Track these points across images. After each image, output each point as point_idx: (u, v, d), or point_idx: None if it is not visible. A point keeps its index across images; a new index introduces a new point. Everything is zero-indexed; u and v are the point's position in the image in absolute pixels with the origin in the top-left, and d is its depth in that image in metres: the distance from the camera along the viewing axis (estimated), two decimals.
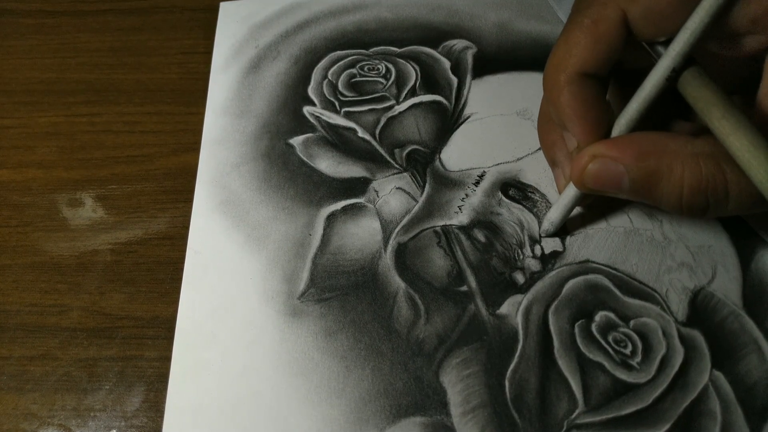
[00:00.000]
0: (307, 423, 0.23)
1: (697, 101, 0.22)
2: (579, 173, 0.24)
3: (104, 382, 0.25)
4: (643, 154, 0.23)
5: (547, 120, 0.27)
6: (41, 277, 0.28)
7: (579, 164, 0.24)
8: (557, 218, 0.27)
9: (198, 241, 0.28)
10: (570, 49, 0.24)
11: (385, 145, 0.31)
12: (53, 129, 0.34)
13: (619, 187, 0.23)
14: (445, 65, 0.35)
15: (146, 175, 0.32)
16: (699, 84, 0.22)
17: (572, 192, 0.26)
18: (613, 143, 0.23)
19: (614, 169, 0.23)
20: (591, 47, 0.23)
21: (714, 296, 0.26)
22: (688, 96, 0.23)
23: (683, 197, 0.22)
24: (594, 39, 0.23)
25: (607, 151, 0.23)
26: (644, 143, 0.23)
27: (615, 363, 0.24)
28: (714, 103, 0.21)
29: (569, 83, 0.24)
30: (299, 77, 0.35)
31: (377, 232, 0.28)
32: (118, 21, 0.39)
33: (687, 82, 0.22)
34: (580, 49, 0.24)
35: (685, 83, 0.23)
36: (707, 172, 0.22)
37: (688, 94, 0.22)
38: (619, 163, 0.23)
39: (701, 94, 0.22)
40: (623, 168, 0.23)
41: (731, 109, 0.21)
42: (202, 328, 0.26)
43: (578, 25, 0.24)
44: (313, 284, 0.27)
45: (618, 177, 0.23)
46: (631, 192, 0.23)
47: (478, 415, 0.23)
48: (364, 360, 0.25)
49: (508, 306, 0.26)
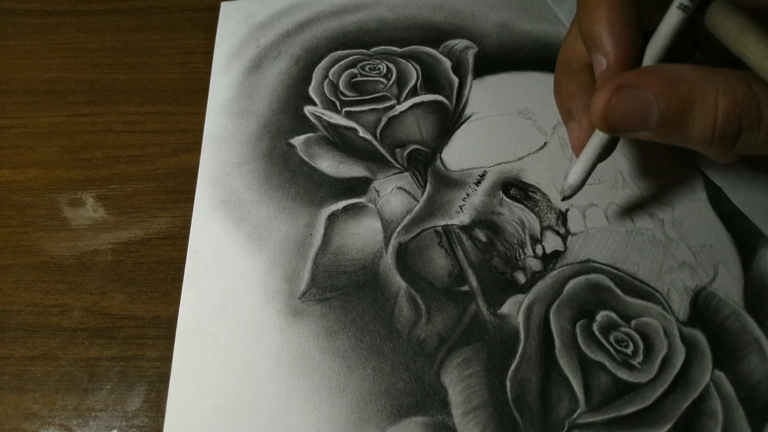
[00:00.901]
0: (308, 423, 0.23)
1: (729, 30, 0.21)
2: (603, 106, 0.22)
3: (105, 382, 0.25)
4: (674, 80, 0.21)
5: (565, 69, 0.27)
6: (42, 277, 0.28)
7: (603, 97, 0.22)
8: (576, 181, 0.25)
9: (199, 241, 0.28)
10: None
11: (386, 145, 0.31)
12: (54, 129, 0.34)
13: (646, 121, 0.22)
14: (446, 65, 0.35)
15: (147, 175, 0.32)
16: (729, 13, 0.21)
17: (592, 148, 0.24)
18: (640, 72, 0.22)
19: (642, 98, 0.21)
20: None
21: (715, 296, 0.26)
22: (718, 26, 0.22)
23: (717, 123, 0.21)
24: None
25: (635, 80, 0.22)
26: (673, 71, 0.22)
27: (616, 363, 0.24)
28: (748, 29, 0.21)
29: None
30: (300, 77, 0.35)
31: (378, 232, 0.28)
32: (119, 21, 0.39)
33: (716, 11, 0.22)
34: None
35: (714, 13, 0.22)
36: (741, 94, 0.21)
37: (718, 23, 0.22)
38: (647, 92, 0.21)
39: (733, 21, 0.21)
40: (651, 97, 0.21)
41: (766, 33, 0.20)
42: (203, 328, 0.26)
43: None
44: (314, 284, 0.27)
45: (646, 107, 0.21)
46: (659, 125, 0.22)
47: (479, 415, 0.23)
48: (365, 360, 0.25)
49: (509, 306, 0.26)
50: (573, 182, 0.25)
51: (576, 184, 0.25)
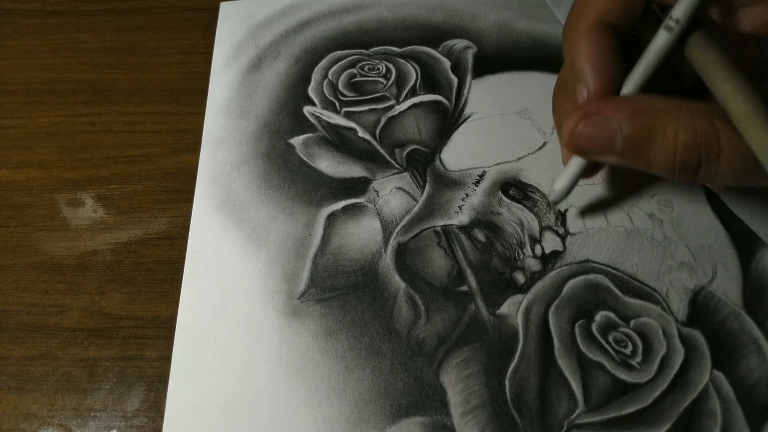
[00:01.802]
0: (307, 423, 0.23)
1: (703, 66, 0.22)
2: (571, 132, 0.23)
3: (104, 382, 0.25)
4: (637, 112, 0.22)
5: (563, 87, 0.27)
6: (41, 277, 0.28)
7: (571, 122, 0.23)
8: (562, 187, 0.26)
9: (198, 241, 0.28)
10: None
11: (385, 145, 0.31)
12: (53, 129, 0.34)
13: (611, 148, 0.23)
14: (446, 65, 0.35)
15: (146, 175, 0.32)
16: (705, 48, 0.22)
17: (576, 164, 0.25)
18: (607, 101, 0.23)
19: (607, 126, 0.23)
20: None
21: (714, 296, 0.26)
22: (694, 60, 0.22)
23: (677, 154, 0.22)
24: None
25: (601, 109, 0.23)
26: (639, 101, 0.23)
27: (615, 363, 0.24)
28: (719, 66, 0.21)
29: (588, 31, 0.24)
30: (299, 77, 0.35)
31: (377, 232, 0.28)
32: (118, 21, 0.39)
33: (693, 46, 0.22)
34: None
35: (691, 47, 0.22)
36: (701, 127, 0.22)
37: (695, 58, 0.22)
38: (612, 121, 0.22)
39: (707, 58, 0.22)
40: (617, 125, 0.22)
41: (735, 73, 0.21)
42: (202, 328, 0.26)
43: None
44: (313, 284, 0.27)
45: (611, 135, 0.23)
46: (623, 152, 0.23)
47: (478, 415, 0.23)
48: (364, 360, 0.25)
49: (508, 306, 0.26)
50: (558, 187, 0.26)
51: (561, 191, 0.26)
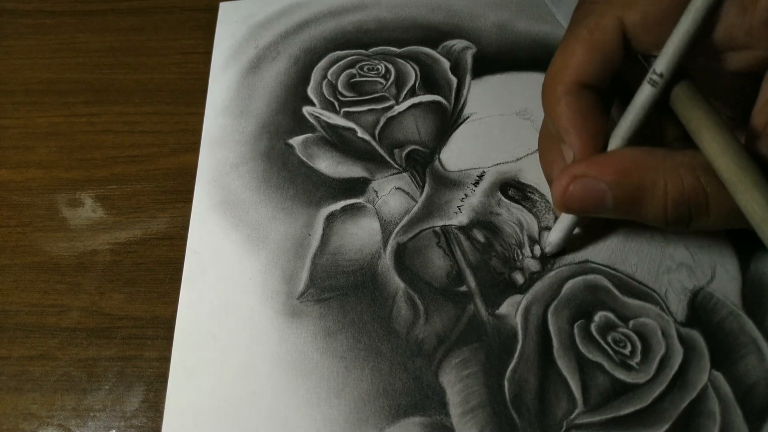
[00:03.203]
0: (306, 423, 0.23)
1: (688, 121, 0.22)
2: (561, 195, 0.23)
3: (104, 382, 0.25)
4: (624, 171, 0.22)
5: (547, 137, 0.27)
6: (41, 277, 0.28)
7: (560, 186, 0.23)
8: (557, 241, 0.26)
9: (197, 241, 0.28)
10: (567, 60, 0.24)
11: (384, 146, 0.31)
12: (53, 129, 0.34)
13: (603, 207, 0.23)
14: (445, 65, 0.35)
15: (146, 175, 0.32)
16: (690, 102, 0.22)
17: (569, 218, 0.26)
18: (594, 161, 0.23)
19: (596, 187, 0.22)
20: (588, 56, 0.23)
21: (713, 296, 0.26)
22: (679, 114, 0.22)
23: (668, 210, 0.22)
24: (590, 48, 0.23)
25: (588, 170, 0.23)
26: (624, 159, 0.22)
27: (614, 363, 0.24)
28: (704, 125, 0.21)
29: (566, 93, 0.24)
30: (299, 77, 0.35)
31: (376, 233, 0.28)
32: (118, 21, 0.39)
33: (678, 99, 0.22)
34: (576, 59, 0.23)
35: (676, 99, 0.22)
36: (688, 184, 0.22)
37: (680, 112, 0.22)
38: (600, 182, 0.22)
39: (692, 114, 0.22)
40: (605, 186, 0.22)
41: (720, 131, 0.21)
42: (202, 329, 0.26)
43: (575, 35, 0.24)
44: (312, 284, 0.27)
45: (601, 196, 0.23)
46: (615, 210, 0.23)
47: (477, 416, 0.23)
48: (363, 360, 0.25)
49: (507, 306, 0.26)
50: (553, 240, 0.27)
51: (557, 243, 0.26)
